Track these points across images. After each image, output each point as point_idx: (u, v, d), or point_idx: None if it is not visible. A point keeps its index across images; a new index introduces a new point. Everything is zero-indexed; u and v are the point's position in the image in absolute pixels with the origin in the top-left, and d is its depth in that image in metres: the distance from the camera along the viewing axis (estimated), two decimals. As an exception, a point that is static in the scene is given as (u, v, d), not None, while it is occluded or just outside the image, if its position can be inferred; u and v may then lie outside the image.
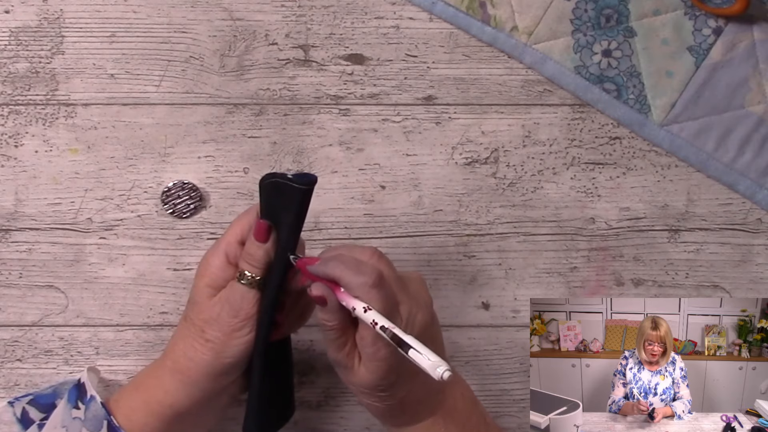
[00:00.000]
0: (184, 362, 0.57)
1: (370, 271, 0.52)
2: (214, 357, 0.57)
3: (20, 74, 0.68)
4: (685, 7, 0.69)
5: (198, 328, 0.57)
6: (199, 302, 0.57)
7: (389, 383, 0.54)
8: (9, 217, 0.68)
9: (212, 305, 0.57)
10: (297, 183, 0.55)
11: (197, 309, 0.58)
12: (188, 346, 0.57)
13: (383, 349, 0.52)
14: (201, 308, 0.57)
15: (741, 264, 0.70)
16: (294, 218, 0.56)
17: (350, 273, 0.53)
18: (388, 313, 0.52)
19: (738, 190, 0.69)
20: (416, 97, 0.69)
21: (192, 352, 0.57)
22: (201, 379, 0.57)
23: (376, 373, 0.53)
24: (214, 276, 0.58)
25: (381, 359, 0.53)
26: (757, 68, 0.69)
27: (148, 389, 0.59)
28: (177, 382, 0.58)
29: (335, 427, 0.68)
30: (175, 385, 0.58)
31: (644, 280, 0.69)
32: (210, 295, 0.57)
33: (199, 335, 0.57)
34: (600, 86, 0.69)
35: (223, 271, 0.58)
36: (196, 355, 0.57)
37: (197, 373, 0.57)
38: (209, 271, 0.58)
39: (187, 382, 0.58)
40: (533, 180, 0.69)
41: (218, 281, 0.58)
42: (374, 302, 0.52)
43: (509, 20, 0.69)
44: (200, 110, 0.69)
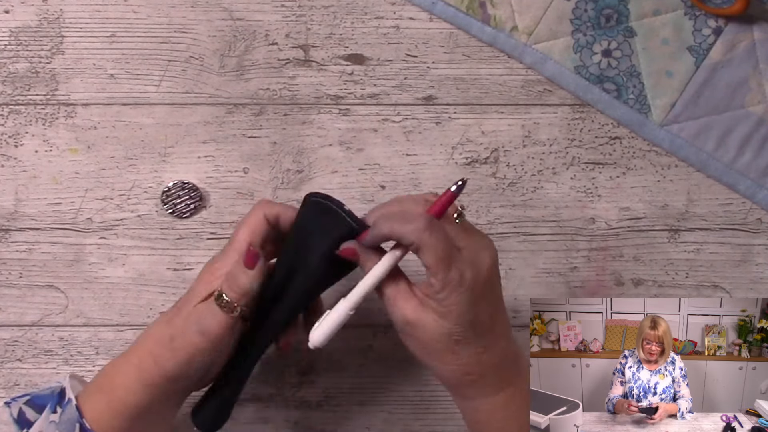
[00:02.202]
0: (149, 363, 0.56)
1: (418, 218, 0.52)
2: (176, 366, 0.55)
3: (20, 74, 0.68)
4: (685, 7, 0.69)
5: (168, 334, 0.56)
6: (182, 309, 0.56)
7: (463, 330, 0.52)
8: (9, 217, 0.68)
9: (186, 316, 0.56)
10: (350, 219, 0.55)
11: (178, 314, 0.56)
12: (155, 348, 0.56)
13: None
14: (180, 315, 0.56)
15: (741, 264, 0.70)
16: (327, 248, 0.55)
17: (399, 225, 0.53)
18: (449, 253, 0.52)
19: (738, 190, 0.69)
20: (416, 97, 0.69)
21: (157, 354, 0.56)
22: (163, 382, 0.56)
23: (447, 317, 0.52)
24: (217, 284, 0.56)
25: (451, 303, 0.52)
26: (757, 68, 0.69)
27: (113, 389, 0.57)
28: (140, 382, 0.56)
29: (335, 427, 0.68)
30: (138, 385, 0.56)
31: (644, 280, 0.69)
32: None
33: (167, 341, 0.56)
34: (600, 86, 0.69)
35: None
36: (160, 359, 0.55)
37: (160, 377, 0.56)
38: (214, 276, 0.56)
39: (150, 383, 0.56)
40: (533, 180, 0.69)
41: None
42: (430, 244, 0.52)
43: (509, 20, 0.69)
44: (200, 110, 0.69)
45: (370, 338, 0.68)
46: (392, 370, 0.68)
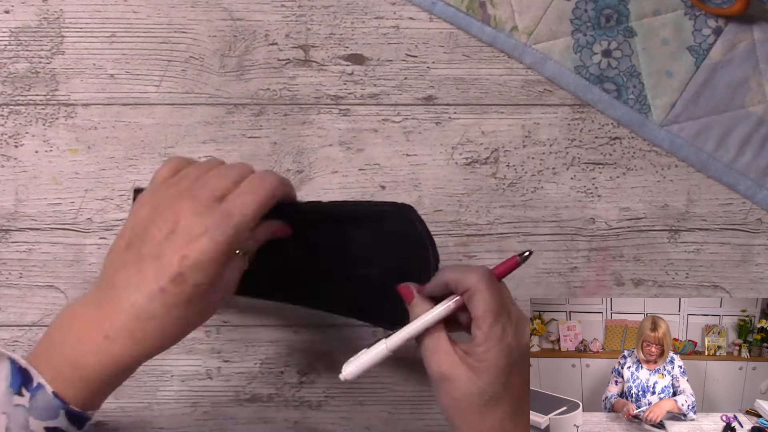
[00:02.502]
0: (127, 344, 0.50)
1: (479, 269, 0.54)
2: (163, 344, 0.51)
3: (20, 74, 0.68)
4: (685, 7, 0.69)
5: (150, 310, 0.50)
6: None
7: (494, 390, 0.53)
8: (9, 217, 0.68)
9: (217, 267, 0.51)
10: (432, 258, 0.58)
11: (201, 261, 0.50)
12: (130, 323, 0.50)
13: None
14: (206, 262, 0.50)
15: (741, 264, 0.70)
16: (395, 272, 0.57)
17: (460, 272, 0.54)
18: (499, 308, 0.53)
19: (738, 190, 0.69)
20: (416, 97, 0.69)
21: (136, 331, 0.50)
22: (146, 358, 0.51)
23: (482, 374, 0.53)
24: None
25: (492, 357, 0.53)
26: (757, 68, 0.69)
27: (88, 366, 0.51)
28: (116, 364, 0.51)
29: (335, 427, 0.68)
30: (115, 368, 0.51)
31: (644, 280, 0.69)
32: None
33: (147, 317, 0.50)
34: (600, 86, 0.69)
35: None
36: (139, 338, 0.50)
37: (142, 355, 0.51)
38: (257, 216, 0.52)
39: (130, 362, 0.51)
40: (533, 180, 0.69)
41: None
42: (484, 293, 0.53)
43: (509, 20, 0.69)
44: (200, 110, 0.69)
45: (370, 338, 0.68)
46: (392, 370, 0.68)
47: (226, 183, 0.53)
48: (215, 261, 0.51)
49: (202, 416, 0.67)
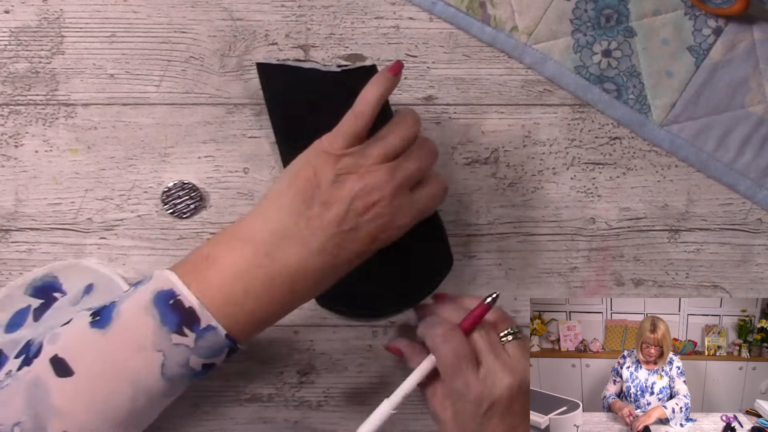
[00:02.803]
0: (322, 282, 0.55)
1: (441, 325, 0.58)
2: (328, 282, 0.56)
3: (20, 74, 0.68)
4: (685, 7, 0.69)
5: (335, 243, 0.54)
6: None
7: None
8: (9, 217, 0.68)
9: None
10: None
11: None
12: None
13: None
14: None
15: (741, 264, 0.70)
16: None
17: (428, 328, 0.59)
18: (455, 364, 0.57)
19: (738, 190, 0.69)
20: (416, 97, 0.69)
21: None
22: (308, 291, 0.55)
23: (456, 422, 0.57)
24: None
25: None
26: (757, 68, 0.69)
27: (267, 318, 0.54)
28: (302, 302, 0.55)
29: (335, 427, 0.68)
30: (299, 305, 0.55)
31: (644, 280, 0.69)
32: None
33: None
34: (600, 86, 0.69)
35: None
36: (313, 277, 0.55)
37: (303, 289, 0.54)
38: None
39: (313, 295, 0.56)
40: (533, 180, 0.69)
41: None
42: (440, 352, 0.57)
43: (509, 20, 0.69)
44: (200, 110, 0.69)
45: (370, 338, 0.68)
46: (392, 370, 0.68)
47: (422, 174, 0.58)
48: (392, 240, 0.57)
49: (202, 416, 0.67)
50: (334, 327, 0.68)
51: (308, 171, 0.55)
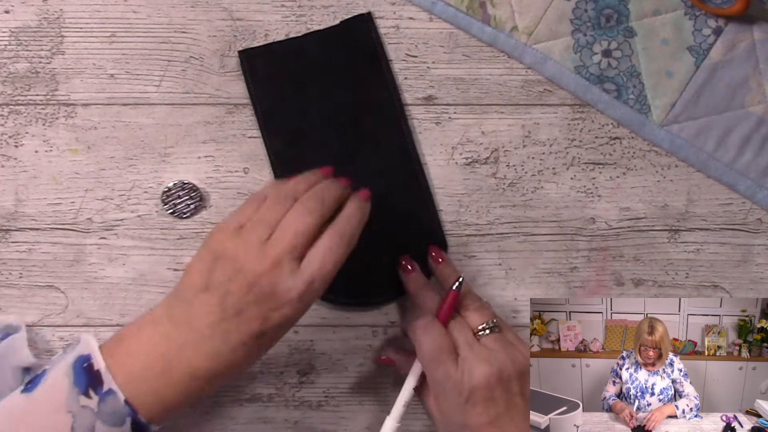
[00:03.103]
0: (222, 367, 0.55)
1: (421, 317, 0.61)
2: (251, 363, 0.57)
3: (20, 74, 0.68)
4: (685, 7, 0.69)
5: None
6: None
7: (456, 429, 0.59)
8: (9, 217, 0.68)
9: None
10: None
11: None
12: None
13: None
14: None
15: (741, 264, 0.70)
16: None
17: (407, 324, 0.62)
18: (435, 356, 0.58)
19: (738, 190, 0.69)
20: (416, 97, 0.69)
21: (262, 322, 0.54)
22: (226, 378, 0.56)
23: (443, 414, 0.59)
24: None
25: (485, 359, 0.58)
26: (757, 68, 0.69)
27: (167, 394, 0.54)
28: (206, 386, 0.55)
29: (335, 427, 0.68)
30: (205, 389, 0.55)
31: (644, 280, 0.69)
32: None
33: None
34: (600, 86, 0.69)
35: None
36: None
37: (223, 375, 0.55)
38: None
39: (219, 380, 0.55)
40: (533, 180, 0.69)
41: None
42: (420, 343, 0.59)
43: (509, 20, 0.69)
44: (200, 110, 0.69)
45: (370, 338, 0.68)
46: (392, 370, 0.68)
47: (305, 238, 0.55)
48: (293, 321, 0.56)
49: (202, 416, 0.67)
50: (334, 327, 0.68)
51: (196, 258, 0.56)
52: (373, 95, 0.68)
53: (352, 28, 0.68)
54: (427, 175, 0.69)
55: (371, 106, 0.68)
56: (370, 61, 0.68)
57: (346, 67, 0.68)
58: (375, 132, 0.68)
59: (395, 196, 0.67)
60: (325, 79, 0.68)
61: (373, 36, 0.68)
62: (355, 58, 0.68)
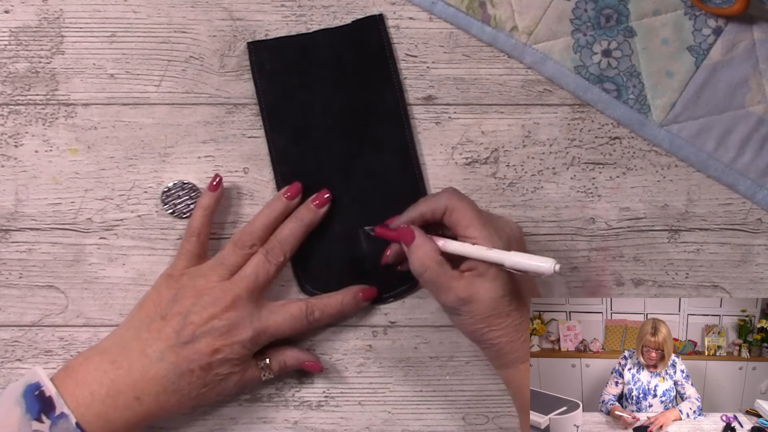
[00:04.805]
0: (154, 408, 0.60)
1: (448, 190, 0.60)
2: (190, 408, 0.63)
3: (20, 74, 0.68)
4: (685, 7, 0.69)
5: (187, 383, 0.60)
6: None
7: (512, 288, 0.58)
8: (9, 217, 0.68)
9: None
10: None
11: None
12: (162, 396, 0.60)
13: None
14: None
15: (741, 264, 0.70)
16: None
17: (432, 201, 0.60)
18: (478, 213, 0.58)
19: (738, 190, 0.69)
20: (416, 97, 0.69)
21: (165, 402, 0.60)
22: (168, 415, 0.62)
23: (496, 280, 0.58)
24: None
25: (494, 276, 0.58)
26: (757, 68, 0.69)
27: (115, 418, 0.59)
28: (151, 410, 0.60)
29: (335, 427, 0.68)
30: (151, 411, 0.60)
31: (644, 280, 0.69)
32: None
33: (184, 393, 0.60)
34: (600, 86, 0.69)
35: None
36: (168, 407, 0.61)
37: (165, 414, 0.62)
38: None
39: (164, 406, 0.61)
40: (533, 180, 0.69)
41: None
42: (463, 203, 0.58)
43: (509, 20, 0.69)
44: (200, 110, 0.69)
45: (370, 338, 0.68)
46: (392, 370, 0.68)
47: (265, 281, 0.64)
48: (239, 361, 0.61)
49: (202, 416, 0.67)
50: (334, 327, 0.68)
51: (153, 293, 0.63)
52: (379, 96, 0.68)
53: (363, 29, 0.68)
54: (427, 175, 0.69)
55: (377, 107, 0.68)
56: (378, 63, 0.68)
57: (354, 66, 0.68)
58: (378, 133, 0.68)
59: (395, 197, 0.67)
60: (332, 77, 0.68)
61: (384, 38, 0.68)
62: (364, 58, 0.68)
